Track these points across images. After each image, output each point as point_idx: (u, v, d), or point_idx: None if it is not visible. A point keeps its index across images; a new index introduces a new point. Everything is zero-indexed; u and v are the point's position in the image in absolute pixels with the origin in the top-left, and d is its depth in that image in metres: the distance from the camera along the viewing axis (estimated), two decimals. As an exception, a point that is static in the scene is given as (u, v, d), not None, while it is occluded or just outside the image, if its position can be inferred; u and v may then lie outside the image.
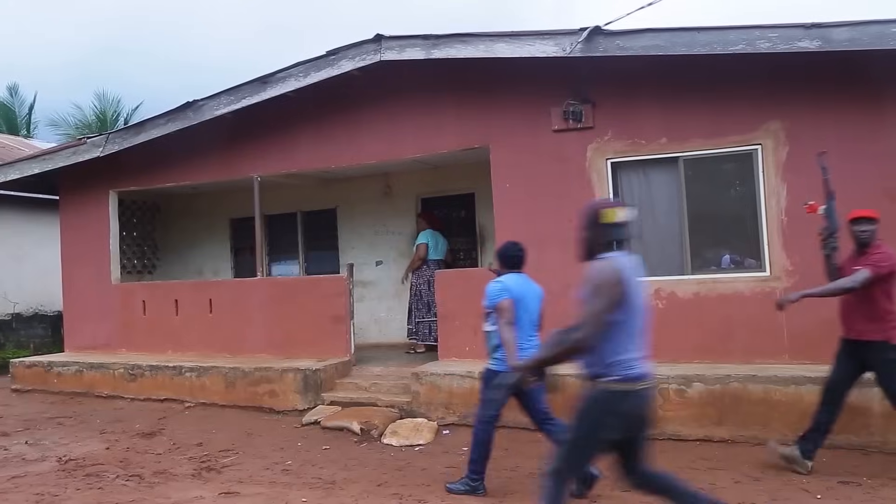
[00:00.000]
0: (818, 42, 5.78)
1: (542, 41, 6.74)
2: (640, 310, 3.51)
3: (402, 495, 4.95)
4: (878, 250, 5.01)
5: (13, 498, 5.09)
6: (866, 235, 5.08)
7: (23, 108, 26.28)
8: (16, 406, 8.78)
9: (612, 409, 3.37)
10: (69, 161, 9.47)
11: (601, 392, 3.39)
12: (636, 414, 3.42)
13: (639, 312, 3.50)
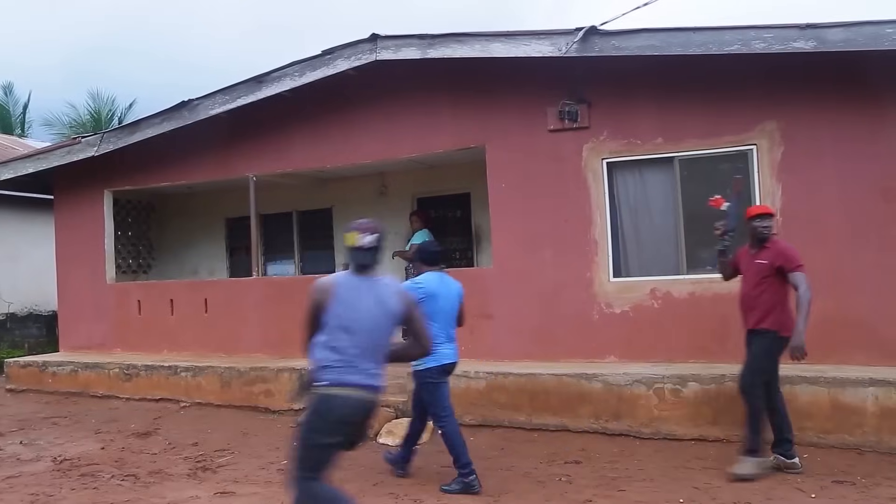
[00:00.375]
0: (813, 42, 5.79)
1: (537, 41, 6.75)
2: (360, 324, 3.64)
3: (398, 495, 4.95)
4: (779, 245, 5.27)
5: (8, 498, 5.08)
6: (766, 231, 5.31)
7: (17, 107, 26.20)
8: (10, 406, 8.76)
9: (320, 412, 3.58)
10: (64, 160, 9.45)
11: (315, 396, 3.64)
12: (341, 417, 3.57)
13: (357, 326, 3.63)
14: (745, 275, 5.43)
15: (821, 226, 6.35)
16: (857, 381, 5.67)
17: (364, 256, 3.71)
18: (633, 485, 5.02)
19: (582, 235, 7.13)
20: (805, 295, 5.06)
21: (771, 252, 5.24)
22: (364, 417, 3.69)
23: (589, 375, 6.49)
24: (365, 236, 3.70)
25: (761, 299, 5.25)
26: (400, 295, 3.75)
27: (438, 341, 4.98)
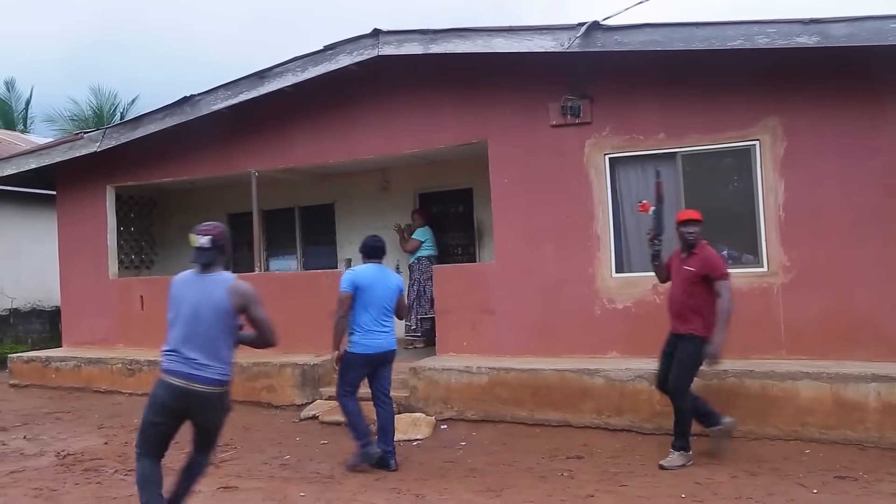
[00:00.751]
0: (816, 38, 5.78)
1: (540, 36, 6.73)
2: (182, 315, 4.01)
3: (401, 490, 4.96)
4: (706, 252, 5.36)
5: (12, 493, 5.10)
6: (693, 236, 5.40)
7: (19, 102, 26.22)
8: (14, 401, 8.78)
9: (151, 395, 4.07)
10: (66, 156, 9.45)
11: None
12: (163, 401, 3.98)
13: (180, 317, 4.02)
14: (675, 280, 5.55)
15: (823, 221, 6.34)
16: (859, 376, 5.67)
17: (200, 255, 4.08)
18: (634, 480, 5.03)
19: (584, 231, 7.13)
20: (725, 304, 5.20)
21: (698, 259, 5.35)
22: (186, 404, 3.97)
23: (591, 371, 6.50)
24: (201, 238, 4.10)
25: (689, 305, 5.35)
26: (230, 289, 4.00)
27: (370, 328, 5.57)
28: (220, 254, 4.15)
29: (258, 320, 4.07)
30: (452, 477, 5.24)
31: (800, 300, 6.40)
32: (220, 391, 4.02)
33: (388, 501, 4.72)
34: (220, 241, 4.14)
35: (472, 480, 5.14)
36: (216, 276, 4.09)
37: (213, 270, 4.09)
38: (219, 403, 4.06)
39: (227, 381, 4.06)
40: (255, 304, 4.06)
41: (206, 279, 4.07)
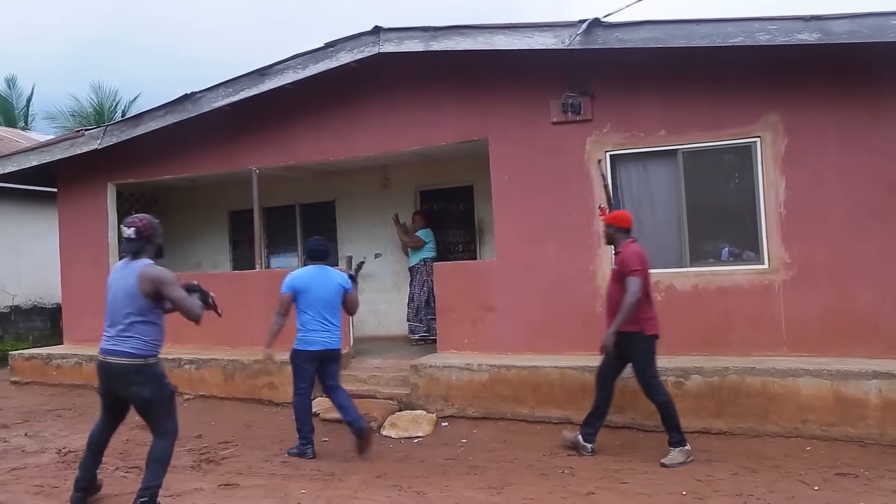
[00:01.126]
0: (817, 34, 5.77)
1: (540, 33, 6.72)
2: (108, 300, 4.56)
3: (402, 487, 4.96)
4: (626, 251, 5.51)
5: (13, 489, 5.10)
6: (607, 237, 5.76)
7: (20, 100, 26.25)
8: (15, 398, 8.79)
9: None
10: (67, 153, 9.45)
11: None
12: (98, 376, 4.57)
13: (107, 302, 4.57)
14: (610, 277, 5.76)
15: (824, 218, 6.34)
16: (860, 373, 5.67)
17: (128, 245, 4.52)
18: (635, 477, 5.03)
19: (585, 228, 7.12)
20: (628, 299, 5.32)
21: (618, 258, 5.62)
22: (107, 377, 4.51)
23: (592, 368, 6.46)
24: (127, 230, 4.49)
25: (617, 301, 5.47)
26: (139, 275, 4.39)
27: (310, 328, 5.94)
28: (148, 243, 4.54)
29: (172, 300, 4.45)
30: (453, 474, 5.24)
31: (801, 297, 6.40)
32: (135, 364, 4.40)
33: (389, 499, 4.73)
34: (145, 232, 4.51)
35: (473, 478, 5.14)
36: (135, 263, 4.47)
37: (139, 258, 4.49)
38: (136, 377, 4.42)
39: (140, 355, 4.41)
40: (167, 286, 4.40)
41: (129, 267, 4.49)
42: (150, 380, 4.45)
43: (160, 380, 4.52)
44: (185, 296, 4.52)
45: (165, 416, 4.54)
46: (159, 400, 4.50)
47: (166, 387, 4.55)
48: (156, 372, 4.50)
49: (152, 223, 4.58)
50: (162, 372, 4.58)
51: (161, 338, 4.58)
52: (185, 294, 4.52)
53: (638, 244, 5.61)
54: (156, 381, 4.49)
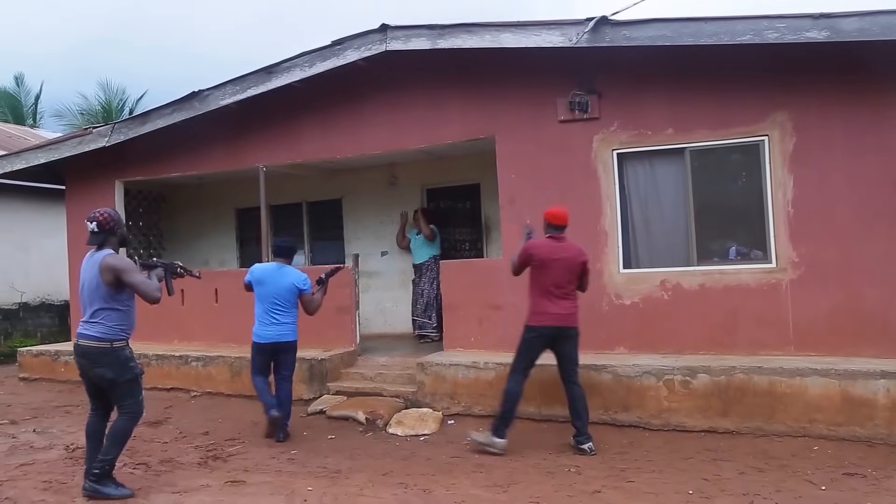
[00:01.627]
0: (826, 32, 5.74)
1: (548, 31, 6.71)
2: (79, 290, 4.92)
3: (408, 485, 4.96)
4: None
5: (22, 485, 5.13)
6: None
7: (29, 97, 26.36)
8: (23, 395, 8.83)
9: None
10: (75, 151, 9.49)
11: None
12: (76, 362, 4.96)
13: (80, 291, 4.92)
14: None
15: (832, 217, 6.31)
16: (868, 373, 5.65)
17: (91, 238, 4.82)
18: (641, 476, 5.02)
19: (592, 226, 7.11)
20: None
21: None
22: (80, 358, 4.89)
23: (598, 367, 6.49)
24: (90, 223, 4.80)
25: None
26: (102, 264, 4.71)
27: (260, 321, 6.37)
28: (111, 235, 4.84)
29: (131, 285, 4.75)
30: (459, 472, 5.24)
31: (808, 296, 6.37)
32: (100, 347, 4.76)
33: (395, 496, 4.73)
34: (106, 225, 4.82)
35: (479, 476, 5.14)
36: (98, 254, 4.79)
37: (102, 250, 4.81)
38: (101, 359, 4.77)
39: (105, 339, 4.76)
40: (125, 273, 4.72)
41: (93, 258, 4.82)
42: (114, 362, 4.77)
43: (125, 363, 4.82)
44: (142, 280, 4.81)
45: (129, 398, 4.85)
46: (122, 381, 4.80)
47: (130, 370, 4.84)
48: (121, 355, 4.81)
49: (113, 216, 4.89)
50: (128, 356, 4.86)
51: (128, 322, 4.90)
52: (141, 279, 4.80)
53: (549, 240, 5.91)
54: (119, 364, 4.79)
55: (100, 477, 4.76)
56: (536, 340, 5.75)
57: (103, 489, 4.75)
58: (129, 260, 4.90)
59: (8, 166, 10.02)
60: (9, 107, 25.48)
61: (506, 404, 5.71)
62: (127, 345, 4.89)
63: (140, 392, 4.93)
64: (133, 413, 4.86)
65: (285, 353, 6.42)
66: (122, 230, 4.97)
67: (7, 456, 6.02)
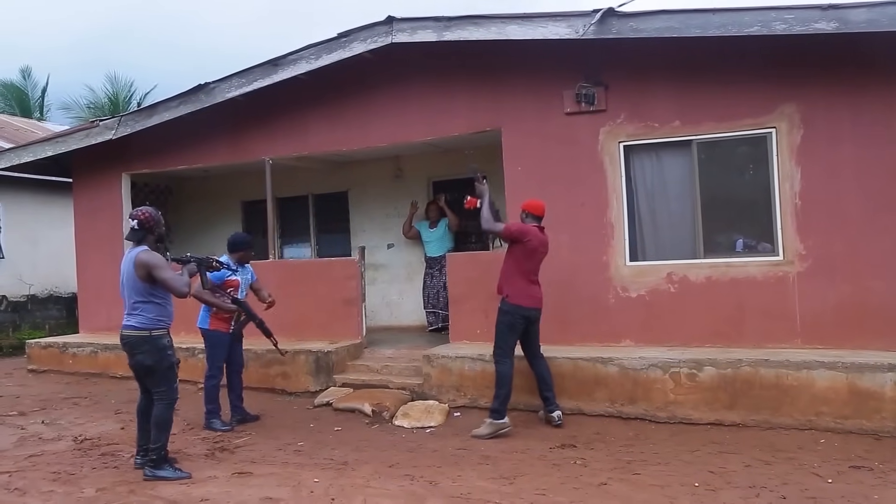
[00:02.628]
0: (835, 24, 5.70)
1: (554, 23, 6.69)
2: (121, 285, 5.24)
3: (414, 476, 4.98)
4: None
5: (31, 476, 5.17)
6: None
7: (36, 91, 26.42)
8: (32, 386, 8.89)
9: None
10: (82, 143, 9.51)
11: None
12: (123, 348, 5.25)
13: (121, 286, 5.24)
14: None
15: (840, 210, 6.29)
16: (875, 366, 5.63)
17: (131, 235, 5.18)
18: (648, 468, 5.03)
19: (598, 219, 7.10)
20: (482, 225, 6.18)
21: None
22: (123, 346, 5.19)
23: (605, 359, 6.49)
24: (132, 221, 5.16)
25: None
26: (135, 260, 5.04)
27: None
28: (149, 233, 5.16)
29: (160, 280, 5.02)
30: (465, 464, 5.25)
31: (816, 289, 6.35)
32: (140, 335, 5.06)
33: (402, 488, 4.75)
34: (147, 223, 5.15)
35: (485, 468, 5.16)
36: (134, 251, 5.12)
37: (139, 246, 5.12)
38: (141, 346, 5.06)
39: (144, 328, 5.06)
40: (156, 269, 5.01)
41: (130, 254, 5.15)
42: (151, 349, 5.06)
43: (163, 351, 5.10)
44: (171, 276, 5.04)
45: (164, 384, 5.13)
46: (159, 369, 5.10)
47: (167, 358, 5.12)
48: (159, 343, 5.09)
49: (153, 216, 5.22)
50: (166, 344, 5.13)
51: (165, 313, 5.16)
52: (171, 275, 5.05)
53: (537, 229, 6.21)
54: (158, 352, 5.08)
55: (157, 462, 5.05)
56: (521, 321, 6.10)
57: (161, 472, 5.03)
58: (161, 256, 5.17)
59: (15, 159, 10.06)
60: (16, 100, 25.55)
61: (505, 387, 6.00)
62: (166, 334, 5.16)
63: (175, 380, 5.21)
64: (168, 399, 5.15)
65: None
66: (161, 229, 5.29)
67: (16, 447, 6.06)
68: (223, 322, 6.65)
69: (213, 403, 6.59)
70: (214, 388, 6.60)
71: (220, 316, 6.63)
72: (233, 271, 6.30)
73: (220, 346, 6.66)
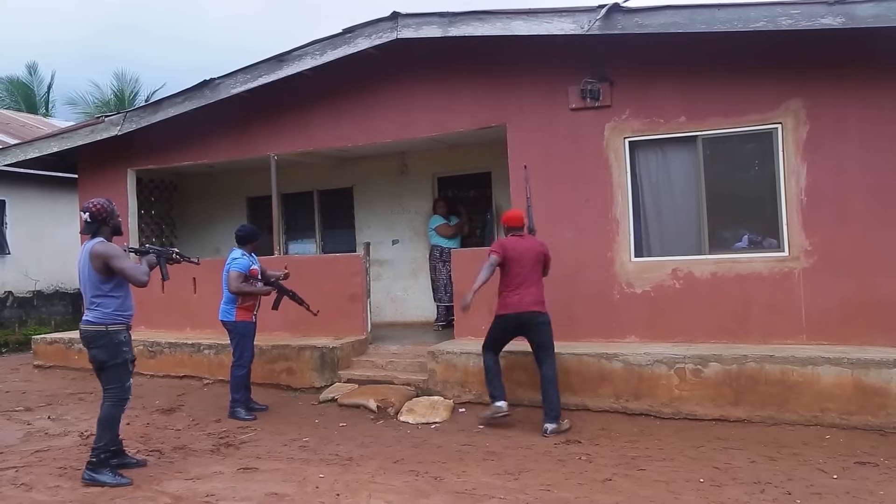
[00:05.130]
0: (842, 19, 5.68)
1: (559, 18, 6.67)
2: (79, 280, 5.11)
3: (419, 472, 4.99)
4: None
5: (37, 471, 5.19)
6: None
7: (41, 87, 26.49)
8: (38, 382, 8.92)
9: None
10: (87, 139, 9.53)
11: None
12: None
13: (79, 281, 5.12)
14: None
15: (846, 206, 6.27)
16: (881, 362, 5.62)
17: (84, 228, 5.02)
18: (652, 464, 5.03)
19: (603, 215, 7.09)
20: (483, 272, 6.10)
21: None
22: (83, 343, 5.03)
23: (609, 355, 6.49)
24: (83, 213, 4.98)
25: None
26: (90, 252, 4.90)
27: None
28: (103, 225, 4.99)
29: (117, 270, 4.86)
30: (470, 460, 5.26)
31: (821, 285, 6.34)
32: (96, 330, 4.92)
33: (407, 484, 4.76)
34: (100, 215, 4.97)
35: (489, 463, 5.16)
36: (88, 243, 4.97)
37: (95, 238, 4.97)
38: (96, 341, 4.93)
39: (101, 323, 4.92)
40: (112, 259, 4.85)
41: (84, 248, 4.99)
42: (107, 345, 4.92)
43: (118, 347, 4.95)
44: (129, 265, 4.89)
45: (116, 381, 4.97)
46: (111, 364, 4.93)
47: (122, 354, 4.97)
48: (115, 339, 4.94)
49: (106, 207, 5.02)
50: (123, 340, 4.98)
51: (123, 307, 5.01)
52: (129, 264, 4.90)
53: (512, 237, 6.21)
54: (113, 347, 4.93)
55: (96, 465, 4.86)
56: (503, 327, 6.25)
57: (100, 477, 4.83)
58: (117, 246, 5.00)
59: (21, 155, 10.09)
60: (21, 96, 25.62)
61: (487, 376, 6.26)
62: (124, 329, 5.01)
63: (128, 378, 5.04)
64: (117, 398, 4.98)
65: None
66: (115, 220, 5.08)
67: (23, 442, 6.09)
68: (248, 312, 6.84)
69: (238, 392, 6.75)
70: (241, 378, 6.77)
71: (245, 306, 6.81)
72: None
73: (248, 335, 6.87)
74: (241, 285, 6.67)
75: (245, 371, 6.81)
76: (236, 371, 6.77)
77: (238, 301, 6.78)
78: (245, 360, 6.81)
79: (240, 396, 6.76)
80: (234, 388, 6.77)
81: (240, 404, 6.74)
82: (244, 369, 6.80)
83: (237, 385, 6.76)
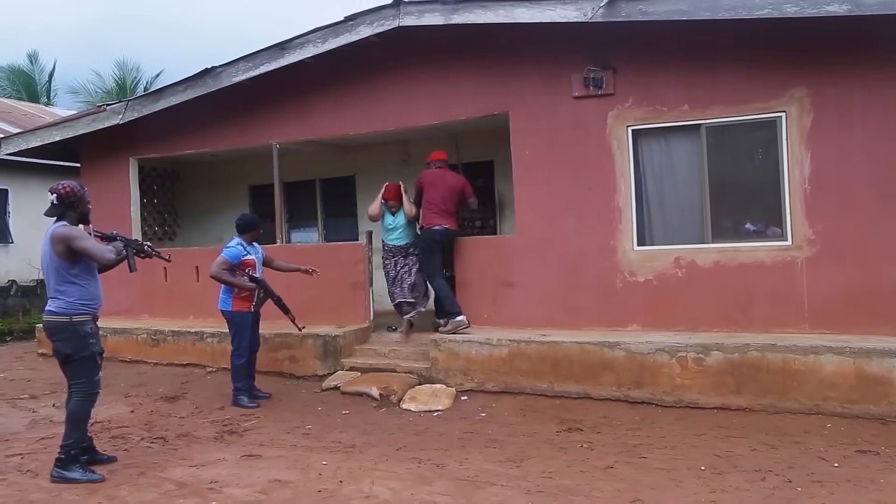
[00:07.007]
0: (847, 6, 5.64)
1: (562, 6, 6.64)
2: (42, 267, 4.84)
3: (421, 459, 5.01)
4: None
5: (43, 458, 5.21)
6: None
7: (42, 75, 26.49)
8: (43, 370, 8.96)
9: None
10: (89, 128, 9.51)
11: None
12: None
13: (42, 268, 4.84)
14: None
15: (849, 195, 6.25)
16: (883, 351, 5.62)
17: (50, 210, 4.77)
18: (654, 452, 5.04)
19: (606, 203, 7.08)
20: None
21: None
22: (46, 335, 4.79)
23: (611, 343, 6.50)
24: (51, 195, 4.74)
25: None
26: (52, 237, 4.64)
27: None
28: (70, 209, 4.74)
29: (80, 250, 4.59)
30: (472, 447, 5.28)
31: (824, 274, 6.33)
32: (60, 321, 4.65)
33: (409, 471, 4.78)
34: (68, 198, 4.72)
35: (492, 451, 5.19)
36: (51, 228, 4.70)
37: (58, 222, 4.72)
38: (60, 333, 4.67)
39: (65, 313, 4.65)
40: (74, 240, 4.59)
41: (47, 233, 4.72)
42: (72, 337, 4.66)
43: (84, 339, 4.68)
44: (93, 244, 4.66)
45: (83, 376, 4.74)
46: (78, 357, 4.68)
47: (89, 347, 4.70)
48: (80, 331, 4.67)
49: (75, 190, 4.77)
50: (89, 332, 4.71)
51: (89, 297, 4.73)
52: (92, 243, 4.66)
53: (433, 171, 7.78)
54: (79, 340, 4.66)
55: (65, 462, 4.68)
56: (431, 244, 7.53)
57: (69, 474, 4.66)
58: (80, 228, 4.75)
59: (23, 143, 10.08)
60: (23, 84, 25.61)
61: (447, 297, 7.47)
62: (90, 320, 4.75)
63: (97, 372, 4.80)
64: (86, 393, 4.77)
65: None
66: (85, 207, 4.84)
67: (28, 430, 6.12)
68: (245, 302, 6.85)
69: (239, 381, 6.79)
70: (241, 367, 6.80)
71: (242, 296, 6.82)
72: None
73: (244, 325, 6.87)
74: (221, 272, 6.66)
75: (244, 360, 6.82)
76: (235, 360, 6.81)
77: (234, 291, 6.80)
78: (243, 350, 6.82)
79: (242, 385, 6.80)
80: (235, 377, 6.81)
81: (243, 392, 6.78)
82: (243, 358, 6.81)
83: (237, 374, 6.80)
